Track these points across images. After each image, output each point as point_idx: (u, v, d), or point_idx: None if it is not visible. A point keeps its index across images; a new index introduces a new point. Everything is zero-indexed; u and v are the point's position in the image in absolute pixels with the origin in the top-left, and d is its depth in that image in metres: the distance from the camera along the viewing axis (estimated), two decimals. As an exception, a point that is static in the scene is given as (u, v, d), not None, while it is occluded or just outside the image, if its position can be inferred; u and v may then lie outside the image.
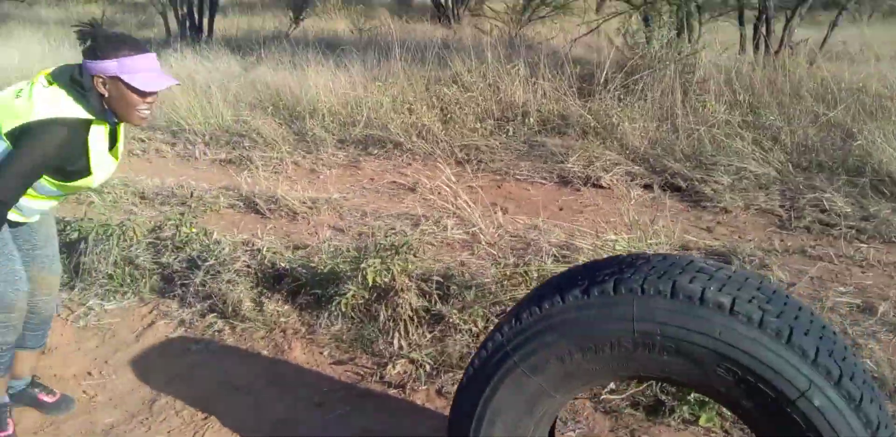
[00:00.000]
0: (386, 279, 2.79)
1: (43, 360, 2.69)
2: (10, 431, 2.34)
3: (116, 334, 2.95)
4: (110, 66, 2.03)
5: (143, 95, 2.07)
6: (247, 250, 3.30)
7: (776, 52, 7.32)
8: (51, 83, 2.08)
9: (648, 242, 3.26)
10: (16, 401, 2.47)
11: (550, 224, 4.09)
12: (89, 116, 2.08)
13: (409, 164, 5.43)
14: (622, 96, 6.04)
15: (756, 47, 7.64)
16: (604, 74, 5.95)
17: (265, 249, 3.23)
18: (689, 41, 7.08)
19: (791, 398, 1.45)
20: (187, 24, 10.99)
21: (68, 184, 2.18)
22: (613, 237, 3.32)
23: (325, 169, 5.38)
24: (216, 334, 2.94)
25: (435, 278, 2.89)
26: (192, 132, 6.13)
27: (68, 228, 3.44)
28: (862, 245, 3.91)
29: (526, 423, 1.74)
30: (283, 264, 3.12)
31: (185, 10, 10.74)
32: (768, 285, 1.64)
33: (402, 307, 2.74)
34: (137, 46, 2.08)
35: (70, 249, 3.36)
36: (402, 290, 2.76)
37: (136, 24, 13.78)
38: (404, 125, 5.72)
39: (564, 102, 5.83)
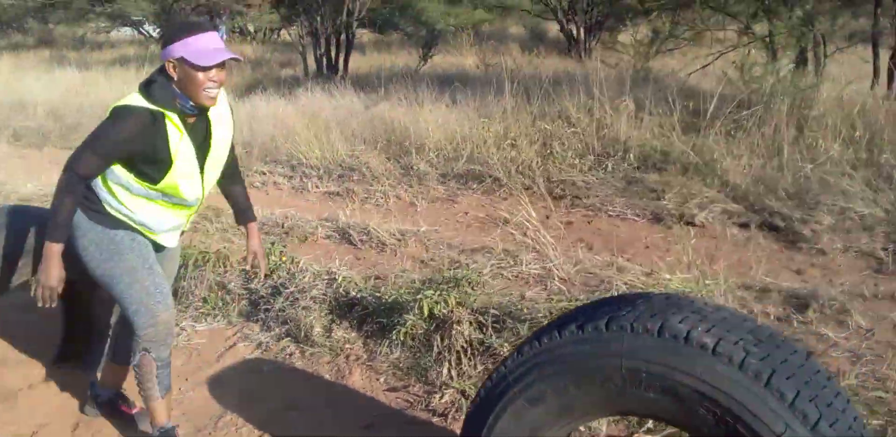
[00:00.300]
0: (444, 311, 2.91)
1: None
2: None
3: (202, 354, 3.22)
4: (176, 48, 2.16)
5: (204, 70, 2.15)
6: (325, 279, 3.52)
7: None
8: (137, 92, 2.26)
9: (706, 281, 3.21)
10: (102, 411, 2.72)
11: (630, 262, 4.09)
12: (157, 108, 2.18)
13: (506, 198, 5.54)
14: (731, 132, 5.92)
15: (890, 80, 7.28)
16: (710, 109, 5.85)
17: (340, 278, 3.44)
18: (816, 74, 6.85)
19: (764, 437, 1.46)
20: (324, 62, 11.66)
21: (157, 183, 2.27)
22: (668, 276, 3.29)
23: (424, 202, 5.60)
24: (288, 357, 3.16)
25: (492, 311, 2.99)
26: (309, 166, 6.53)
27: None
28: (966, 294, 3.67)
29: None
30: (354, 293, 3.31)
31: (322, 50, 11.40)
32: (765, 328, 1.64)
33: (455, 339, 2.85)
34: (200, 27, 2.21)
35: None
36: (457, 321, 2.87)
37: (280, 63, 14.73)
38: (503, 160, 5.86)
39: (667, 138, 5.78)
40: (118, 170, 2.28)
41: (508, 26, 25.54)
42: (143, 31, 21.70)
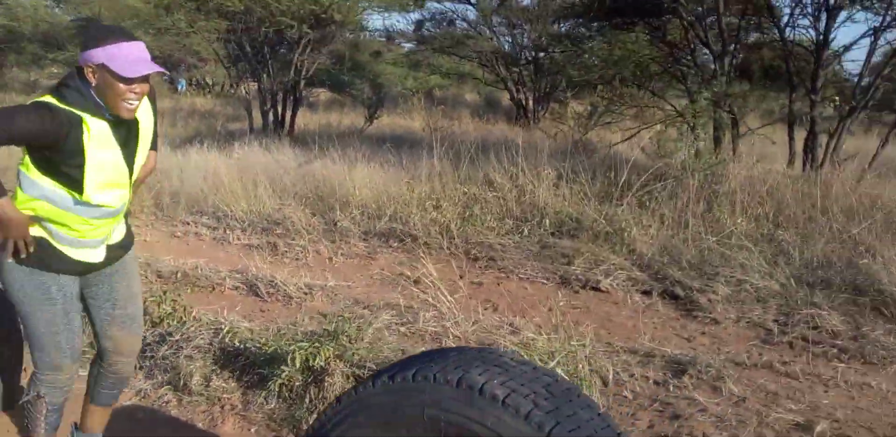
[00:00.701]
0: (320, 363, 2.96)
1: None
2: None
3: (78, 399, 3.19)
4: (97, 54, 2.04)
5: (127, 82, 2.05)
6: (212, 329, 3.54)
7: (820, 167, 7.32)
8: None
9: (570, 343, 3.31)
10: None
11: (529, 322, 4.19)
12: (75, 110, 2.07)
13: (422, 257, 5.63)
14: (645, 203, 6.15)
15: (805, 161, 7.66)
16: (622, 180, 6.09)
17: (227, 328, 3.47)
18: (729, 151, 7.19)
19: (549, 491, 1.53)
20: (269, 118, 11.83)
21: (82, 190, 2.14)
22: (532, 336, 3.39)
23: (342, 258, 5.67)
24: (164, 404, 3.15)
25: (369, 364, 3.04)
26: (235, 218, 6.58)
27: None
28: (840, 364, 3.82)
29: (344, 502, 1.85)
30: (239, 344, 3.34)
31: (268, 105, 11.59)
32: (563, 384, 1.73)
33: (328, 391, 2.89)
34: (124, 34, 2.09)
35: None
36: (331, 374, 2.91)
37: (229, 117, 14.90)
38: (424, 221, 5.99)
39: (581, 206, 5.99)
40: (39, 180, 2.14)
41: (465, 93, 26.27)
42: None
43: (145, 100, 2.26)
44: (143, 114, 2.28)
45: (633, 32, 8.27)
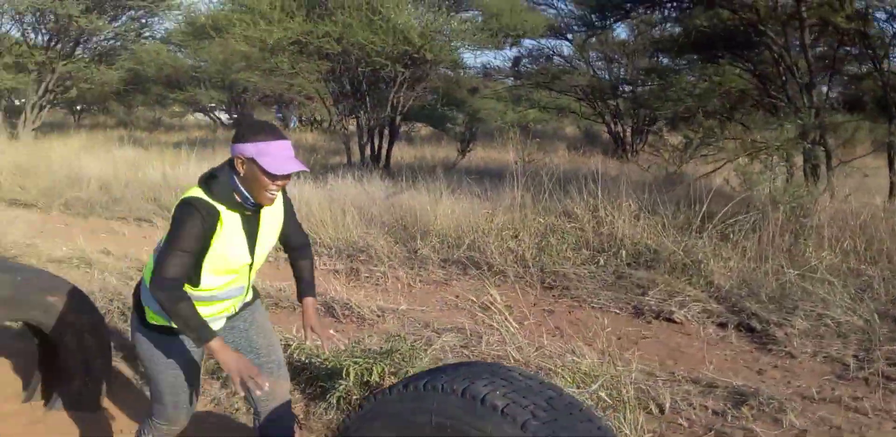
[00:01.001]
0: (376, 379, 3.11)
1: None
2: None
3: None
4: (248, 148, 2.21)
5: (272, 177, 2.21)
6: (283, 345, 3.76)
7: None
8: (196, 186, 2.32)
9: (616, 368, 3.32)
10: None
11: (592, 350, 4.20)
12: (214, 202, 2.24)
13: (499, 285, 5.73)
14: (728, 236, 6.05)
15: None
16: (702, 212, 6.02)
17: (294, 345, 3.67)
18: (817, 184, 6.97)
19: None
20: (367, 152, 12.28)
21: (197, 284, 2.31)
22: (577, 359, 3.42)
23: (420, 284, 5.84)
24: (234, 412, 3.37)
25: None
26: (323, 245, 6.87)
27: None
28: (917, 402, 3.66)
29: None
30: (303, 359, 3.53)
31: (364, 139, 12.05)
32: (566, 398, 1.81)
33: (381, 406, 3.02)
34: (274, 133, 2.25)
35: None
36: (385, 389, 3.05)
37: (331, 151, 15.50)
38: (501, 249, 6.09)
39: (659, 237, 5.95)
40: None
41: (564, 126, 26.33)
42: (212, 116, 23.19)
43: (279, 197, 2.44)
44: (273, 206, 2.43)
45: (720, 66, 8.18)
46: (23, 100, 18.95)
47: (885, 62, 7.01)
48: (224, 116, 25.06)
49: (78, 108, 25.78)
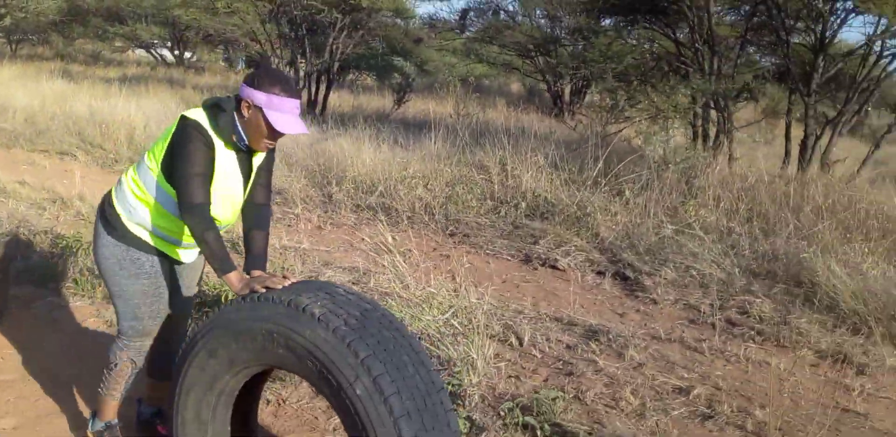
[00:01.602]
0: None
1: None
2: None
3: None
4: (260, 97, 2.21)
5: (273, 132, 2.28)
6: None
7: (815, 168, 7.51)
8: (196, 107, 2.35)
9: (470, 300, 3.70)
10: (140, 429, 2.81)
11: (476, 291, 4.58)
12: (213, 134, 2.28)
13: (404, 231, 6.07)
14: (623, 192, 6.46)
15: (800, 162, 7.84)
16: (597, 168, 6.42)
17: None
18: (707, 148, 7.42)
19: (344, 386, 1.94)
20: (304, 98, 12.37)
21: None
22: (434, 290, 3.79)
23: (331, 227, 6.13)
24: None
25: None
26: (242, 186, 7.09)
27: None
28: (751, 345, 4.12)
29: (210, 398, 2.29)
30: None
31: (301, 85, 12.13)
32: (378, 310, 2.13)
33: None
34: (289, 89, 2.25)
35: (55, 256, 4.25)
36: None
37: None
38: (411, 197, 6.41)
39: (557, 192, 6.33)
40: (164, 186, 2.36)
41: (510, 83, 26.54)
42: (153, 53, 22.77)
43: None
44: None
45: (637, 29, 8.51)
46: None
47: (791, 35, 7.41)
48: (168, 54, 24.59)
49: (15, 37, 24.96)
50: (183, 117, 2.30)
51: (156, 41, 22.88)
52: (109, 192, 2.55)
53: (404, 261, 4.87)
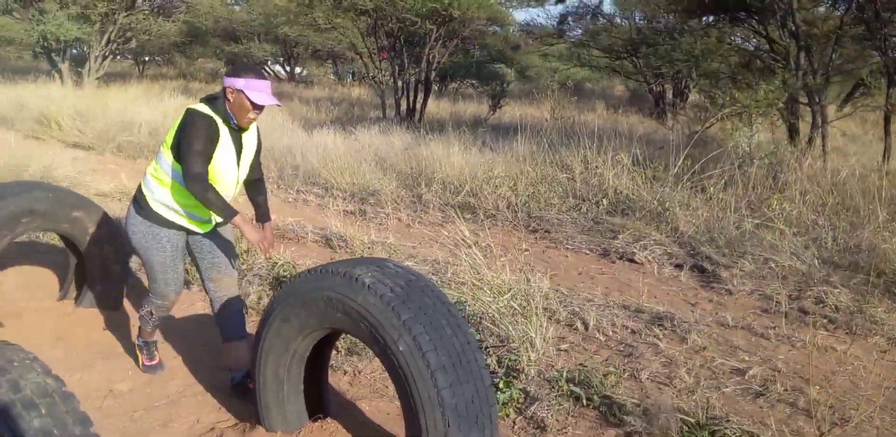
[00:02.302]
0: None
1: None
2: (157, 360, 3.45)
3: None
4: (239, 82, 2.87)
5: (254, 106, 2.90)
6: (271, 263, 4.46)
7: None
8: (199, 101, 3.00)
9: (529, 284, 3.91)
10: (236, 390, 3.26)
11: (548, 282, 4.80)
12: (215, 116, 2.90)
13: (489, 228, 6.34)
14: (707, 188, 6.51)
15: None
16: (677, 165, 6.48)
17: (280, 262, 4.37)
18: (795, 143, 7.30)
19: (389, 344, 2.24)
20: (401, 106, 12.86)
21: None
22: (504, 278, 4.02)
23: (419, 225, 6.48)
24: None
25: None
26: (339, 189, 7.56)
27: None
28: (821, 332, 4.15)
29: (285, 359, 2.64)
30: (286, 274, 4.23)
31: (399, 94, 12.63)
32: (422, 281, 2.42)
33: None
34: (259, 73, 2.93)
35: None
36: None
37: (373, 105, 16.11)
38: (495, 196, 6.68)
39: (638, 189, 6.45)
40: (175, 167, 2.93)
41: (613, 86, 26.37)
42: (267, 69, 24.02)
43: (254, 127, 3.15)
44: (252, 135, 3.14)
45: (721, 28, 8.44)
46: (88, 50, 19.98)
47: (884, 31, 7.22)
48: (280, 70, 25.88)
49: (146, 58, 26.91)
50: (188, 109, 2.93)
51: (269, 58, 24.16)
52: (144, 176, 3.13)
53: (483, 255, 5.14)
